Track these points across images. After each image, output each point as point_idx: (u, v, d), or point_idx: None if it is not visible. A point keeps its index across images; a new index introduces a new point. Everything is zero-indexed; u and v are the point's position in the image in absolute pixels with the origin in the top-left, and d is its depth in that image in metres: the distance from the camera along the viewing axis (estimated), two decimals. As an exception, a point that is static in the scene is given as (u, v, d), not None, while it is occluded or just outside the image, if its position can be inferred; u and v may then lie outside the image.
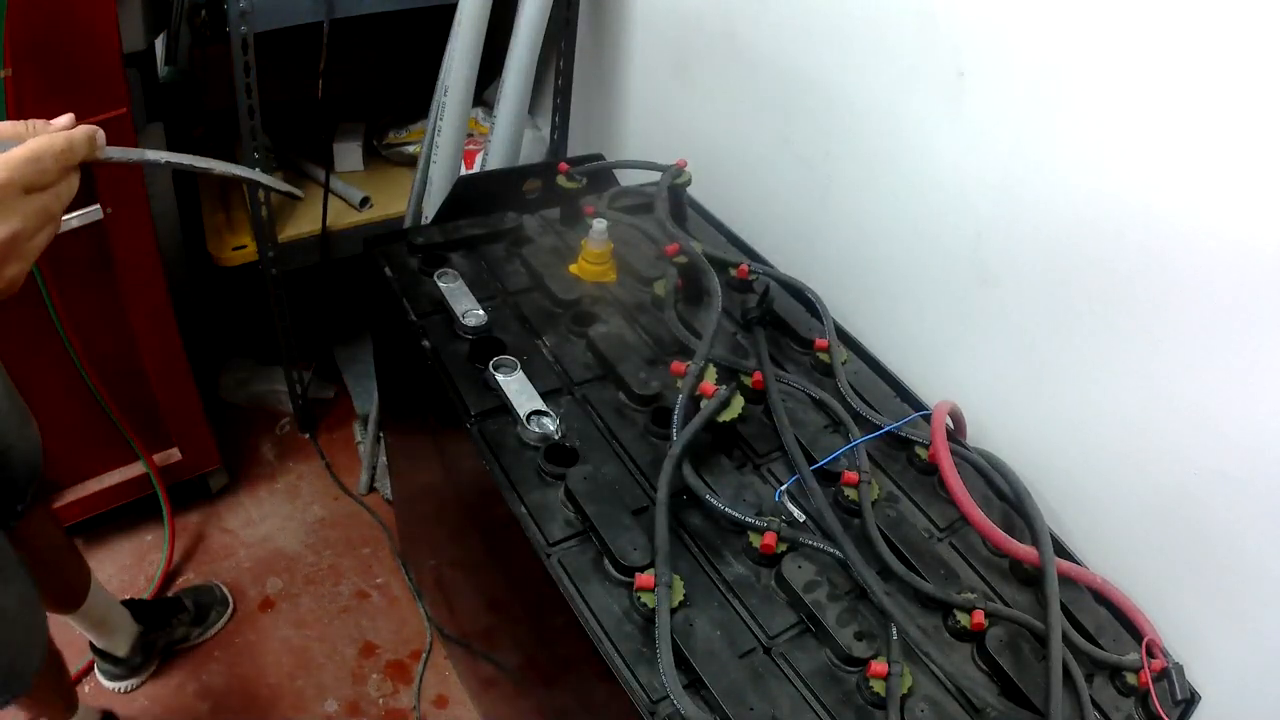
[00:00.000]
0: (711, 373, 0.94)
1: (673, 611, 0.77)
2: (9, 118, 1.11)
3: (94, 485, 1.62)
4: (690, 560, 0.86)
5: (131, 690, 1.56)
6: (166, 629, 1.58)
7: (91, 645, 1.50)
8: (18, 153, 0.56)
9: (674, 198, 1.25)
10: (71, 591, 1.36)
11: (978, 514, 0.90)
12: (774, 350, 1.11)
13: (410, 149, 1.89)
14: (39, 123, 0.60)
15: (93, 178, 1.26)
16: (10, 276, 0.57)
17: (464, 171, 1.60)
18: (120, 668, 1.53)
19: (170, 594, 1.67)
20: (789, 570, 0.84)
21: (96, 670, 1.56)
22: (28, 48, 1.09)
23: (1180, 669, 0.88)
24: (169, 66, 1.66)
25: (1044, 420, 1.03)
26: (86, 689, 1.54)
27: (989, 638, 0.84)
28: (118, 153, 0.64)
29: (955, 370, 1.13)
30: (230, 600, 1.70)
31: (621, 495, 0.88)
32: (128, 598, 1.56)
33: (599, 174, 1.29)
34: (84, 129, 0.61)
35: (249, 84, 1.39)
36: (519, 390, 0.97)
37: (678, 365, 0.96)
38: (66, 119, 0.61)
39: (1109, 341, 0.93)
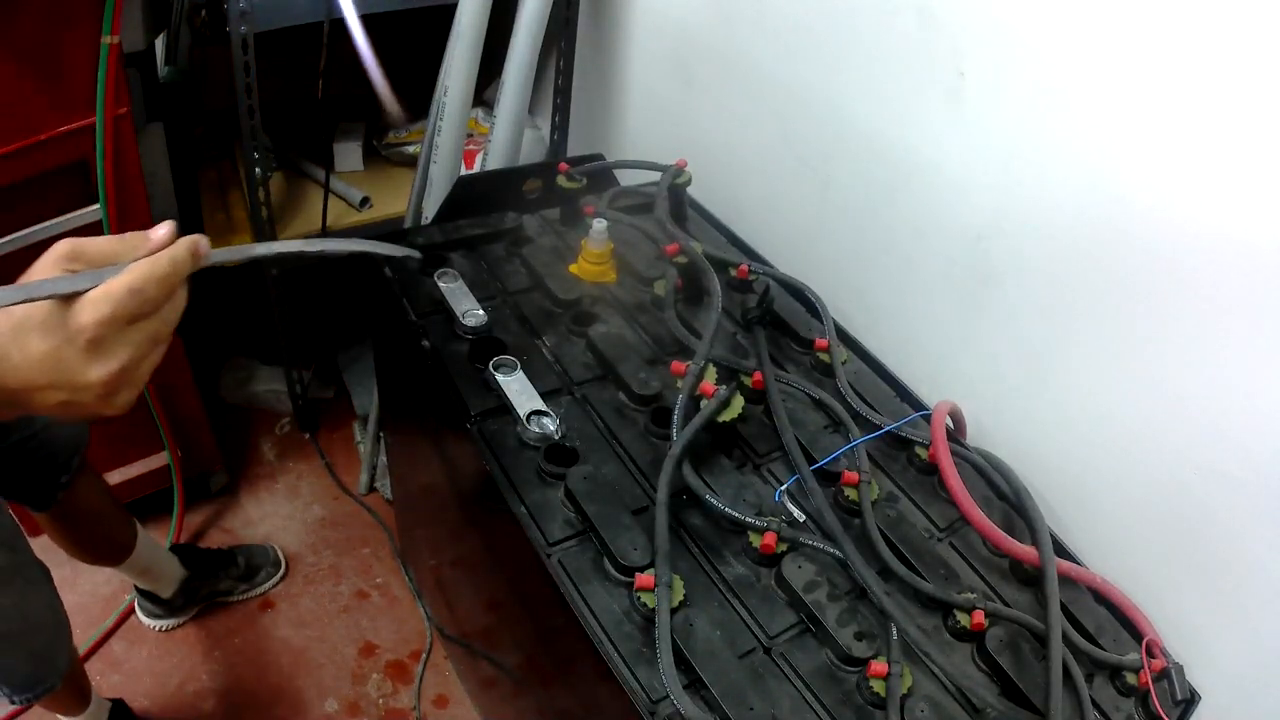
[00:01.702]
0: (711, 373, 0.94)
1: (673, 611, 0.77)
2: (9, 115, 1.12)
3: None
4: (690, 560, 0.86)
5: (169, 630, 1.63)
6: (213, 579, 1.64)
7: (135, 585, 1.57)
8: (119, 284, 0.52)
9: (674, 198, 1.25)
10: (118, 547, 1.41)
11: (978, 514, 0.90)
12: (774, 350, 1.11)
13: (410, 149, 1.89)
14: (137, 236, 0.56)
15: (92, 178, 1.26)
16: (123, 404, 0.55)
17: (464, 171, 1.60)
18: (161, 608, 1.60)
19: (225, 547, 1.72)
20: (789, 570, 0.84)
21: (137, 606, 1.63)
22: (28, 47, 1.09)
23: (1180, 669, 0.88)
24: (169, 66, 1.66)
25: (1044, 420, 1.03)
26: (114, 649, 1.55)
27: (989, 638, 0.84)
28: (223, 254, 0.60)
29: (955, 370, 1.13)
30: (284, 563, 1.75)
31: (621, 495, 0.88)
32: (181, 543, 1.65)
33: (599, 174, 1.29)
34: (185, 244, 0.56)
35: (249, 84, 1.39)
36: (519, 390, 0.97)
37: (678, 365, 0.96)
38: (167, 231, 0.57)
39: (1109, 341, 0.93)
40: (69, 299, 0.51)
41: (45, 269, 0.52)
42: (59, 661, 1.03)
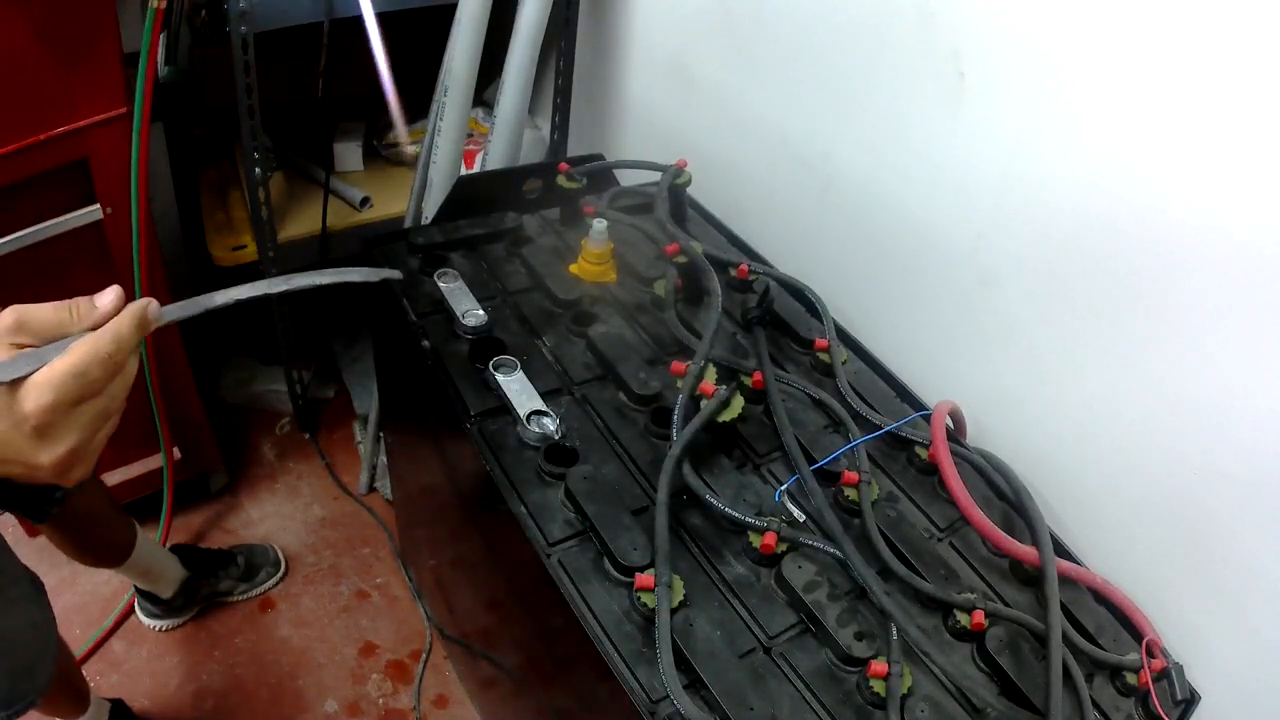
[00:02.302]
0: (711, 373, 0.94)
1: (673, 611, 0.77)
2: (9, 115, 1.12)
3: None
4: (690, 560, 0.86)
5: (168, 630, 1.63)
6: (212, 579, 1.64)
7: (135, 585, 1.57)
8: (60, 368, 0.50)
9: (674, 198, 1.25)
10: (117, 549, 1.41)
11: (978, 514, 0.90)
12: (774, 350, 1.11)
13: (410, 149, 1.89)
14: (84, 303, 0.54)
15: (92, 178, 1.26)
16: (77, 477, 0.55)
17: (464, 171, 1.60)
18: (160, 608, 1.60)
19: (225, 548, 1.72)
20: (789, 570, 0.84)
21: (137, 607, 1.63)
22: (28, 47, 1.09)
23: (1180, 669, 0.88)
24: (169, 66, 1.66)
25: (1044, 420, 1.03)
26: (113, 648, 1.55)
27: (989, 638, 0.84)
28: (177, 310, 0.57)
29: (955, 370, 1.13)
30: (283, 563, 1.75)
31: (621, 495, 0.88)
32: (180, 543, 1.64)
33: (599, 174, 1.29)
34: (130, 314, 0.54)
35: (249, 84, 1.39)
36: (519, 390, 0.97)
37: (678, 365, 0.96)
38: (112, 298, 0.54)
39: (1109, 341, 0.93)
40: (12, 384, 0.50)
41: None
42: (39, 679, 1.03)
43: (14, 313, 0.52)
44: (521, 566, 0.89)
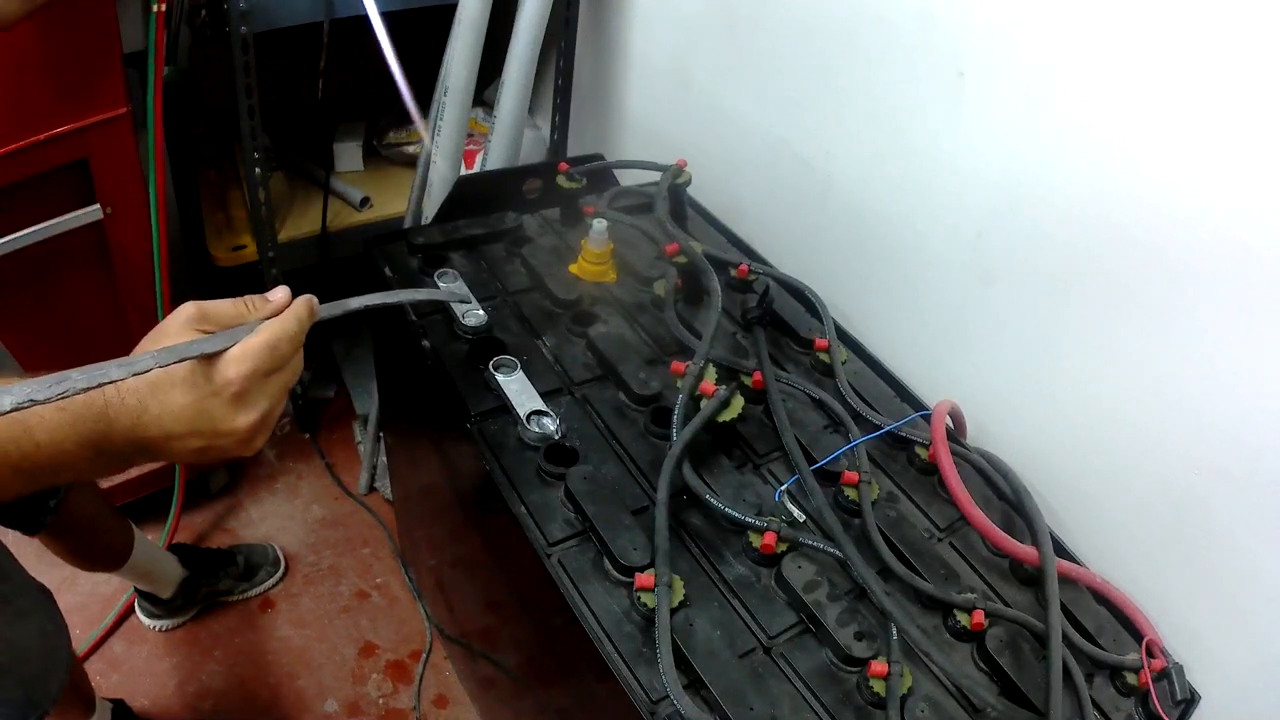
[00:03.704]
0: (711, 373, 0.94)
1: (673, 611, 0.77)
2: (9, 115, 1.12)
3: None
4: (690, 560, 0.86)
5: (168, 630, 1.63)
6: (212, 579, 1.64)
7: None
8: (257, 342, 0.59)
9: (674, 198, 1.25)
10: (114, 553, 1.41)
11: (978, 514, 0.90)
12: (774, 350, 1.11)
13: (410, 149, 1.89)
14: (255, 299, 0.63)
15: (92, 178, 1.26)
16: (258, 445, 0.62)
17: (464, 171, 1.60)
18: (160, 608, 1.60)
19: (224, 547, 1.72)
20: (789, 570, 0.84)
21: (136, 607, 1.63)
22: (28, 47, 1.09)
23: (1180, 669, 0.88)
24: (169, 66, 1.66)
25: (1044, 420, 1.03)
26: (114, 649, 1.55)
27: (989, 638, 0.84)
28: (327, 309, 0.67)
29: (955, 370, 1.13)
30: (283, 563, 1.75)
31: (621, 495, 0.88)
32: (179, 542, 1.65)
33: (599, 174, 1.29)
34: (303, 303, 0.64)
35: (249, 84, 1.39)
36: (519, 390, 0.97)
37: (678, 365, 0.96)
38: (284, 293, 0.64)
39: (1109, 341, 0.93)
40: (209, 358, 0.57)
41: (176, 331, 0.58)
42: (51, 688, 1.04)
43: (196, 306, 0.60)
44: (521, 566, 0.89)
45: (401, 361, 1.20)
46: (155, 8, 1.17)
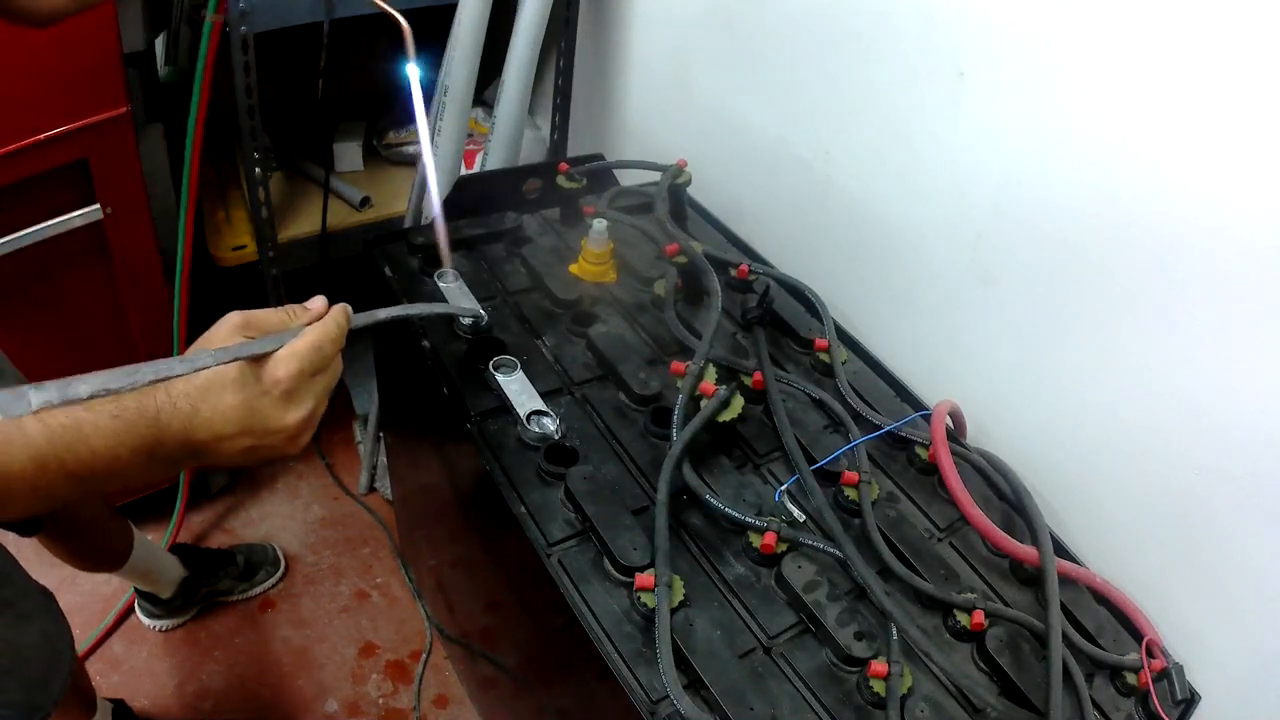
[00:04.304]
0: (711, 373, 0.94)
1: (673, 611, 0.77)
2: (9, 115, 1.12)
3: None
4: (690, 560, 0.86)
5: (168, 630, 1.63)
6: (212, 579, 1.64)
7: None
8: (304, 343, 0.63)
9: (674, 198, 1.25)
10: (113, 554, 1.42)
11: (978, 514, 0.90)
12: (774, 350, 1.11)
13: (410, 149, 1.89)
14: (297, 308, 0.68)
15: (92, 178, 1.26)
16: (304, 443, 0.65)
17: (464, 171, 1.60)
18: (160, 608, 1.60)
19: (224, 547, 1.72)
20: (789, 570, 0.84)
21: (136, 607, 1.63)
22: (28, 47, 1.09)
23: (1180, 669, 0.88)
24: (169, 66, 1.66)
25: (1044, 420, 1.03)
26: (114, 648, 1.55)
27: (989, 638, 0.84)
28: (359, 319, 0.72)
29: (955, 370, 1.13)
30: (283, 562, 1.75)
31: (621, 495, 0.88)
32: (180, 542, 1.65)
33: (599, 174, 1.29)
34: (341, 309, 0.69)
35: (249, 84, 1.39)
36: (519, 390, 0.97)
37: (678, 365, 0.96)
38: (321, 302, 0.69)
39: (1109, 340, 0.93)
40: (258, 360, 0.61)
41: (224, 336, 0.62)
42: (53, 691, 1.04)
43: (241, 315, 0.64)
44: (521, 566, 0.89)
45: (401, 361, 1.20)
46: (209, 18, 1.17)
